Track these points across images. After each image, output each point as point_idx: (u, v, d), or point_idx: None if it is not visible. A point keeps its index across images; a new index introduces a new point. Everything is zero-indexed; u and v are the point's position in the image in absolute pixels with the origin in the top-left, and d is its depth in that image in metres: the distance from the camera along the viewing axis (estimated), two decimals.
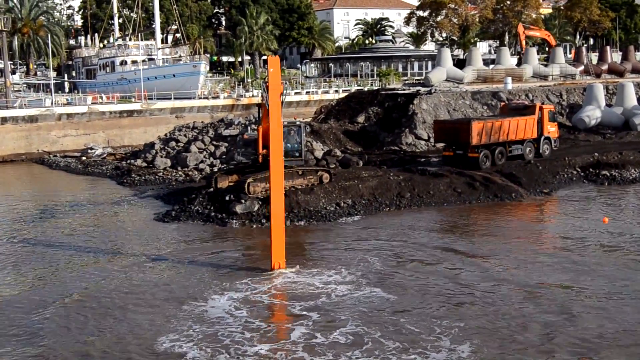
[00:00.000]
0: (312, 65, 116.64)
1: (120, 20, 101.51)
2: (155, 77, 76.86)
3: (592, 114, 57.99)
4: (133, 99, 71.65)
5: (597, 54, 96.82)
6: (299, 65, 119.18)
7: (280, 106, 27.55)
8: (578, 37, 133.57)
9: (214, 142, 50.79)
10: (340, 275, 26.46)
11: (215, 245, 31.47)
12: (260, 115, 37.30)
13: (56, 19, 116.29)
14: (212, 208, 36.31)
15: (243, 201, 35.49)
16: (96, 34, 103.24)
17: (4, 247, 32.27)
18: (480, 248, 30.14)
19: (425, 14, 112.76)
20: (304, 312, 23.01)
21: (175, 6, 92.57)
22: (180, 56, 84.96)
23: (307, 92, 79.25)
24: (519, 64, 79.05)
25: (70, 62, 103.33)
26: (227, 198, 36.14)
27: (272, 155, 26.83)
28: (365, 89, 74.27)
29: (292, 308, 23.54)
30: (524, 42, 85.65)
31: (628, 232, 32.10)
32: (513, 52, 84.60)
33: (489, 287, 24.98)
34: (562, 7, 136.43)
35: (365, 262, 28.03)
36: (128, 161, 53.99)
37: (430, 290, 24.77)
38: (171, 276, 27.23)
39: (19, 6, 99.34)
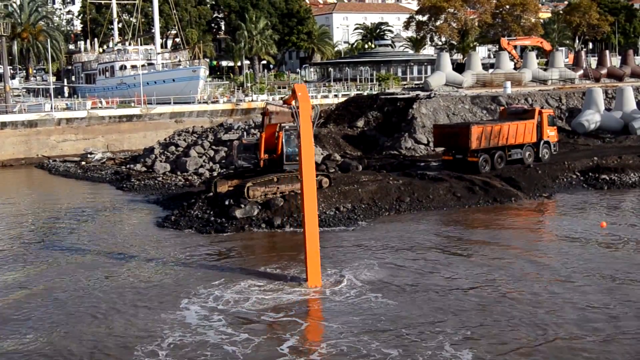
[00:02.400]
0: (312, 69, 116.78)
1: (120, 25, 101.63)
2: (155, 82, 76.94)
3: (592, 118, 58.03)
4: (132, 104, 71.69)
5: (596, 58, 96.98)
6: (298, 70, 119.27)
7: (312, 130, 27.13)
8: (577, 41, 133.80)
9: (214, 147, 50.80)
10: (339, 281, 26.38)
11: (213, 250, 31.43)
12: (264, 122, 37.21)
13: (56, 24, 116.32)
14: (211, 213, 36.27)
15: (243, 206, 35.47)
16: (96, 39, 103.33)
17: (3, 250, 32.27)
18: (480, 253, 30.07)
19: (425, 18, 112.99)
20: (301, 319, 22.98)
21: (174, 11, 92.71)
22: (179, 61, 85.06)
23: None
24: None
25: (69, 67, 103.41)
26: (226, 203, 36.12)
27: (305, 179, 26.17)
28: (365, 94, 74.36)
29: (288, 313, 23.42)
30: (514, 52, 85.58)
31: (626, 237, 32.07)
32: (511, 57, 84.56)
33: (490, 292, 24.93)
34: (561, 12, 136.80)
35: (364, 267, 27.94)
36: (127, 166, 53.98)
37: (432, 296, 24.69)
38: (162, 280, 27.20)
39: (18, 11, 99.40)
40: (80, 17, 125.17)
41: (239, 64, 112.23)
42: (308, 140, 26.37)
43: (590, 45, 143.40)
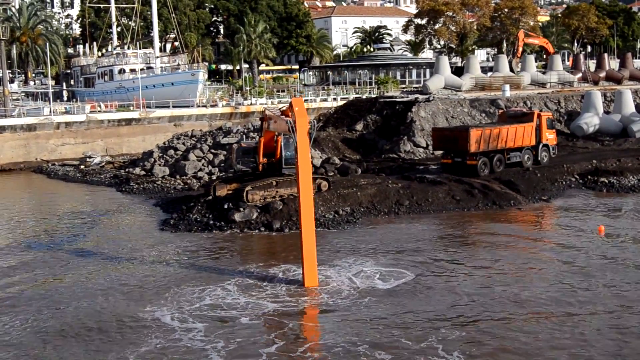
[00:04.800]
0: (311, 73, 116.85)
1: (119, 29, 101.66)
2: (154, 86, 76.88)
3: (590, 121, 58.06)
4: (131, 108, 71.68)
5: (595, 61, 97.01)
6: (297, 73, 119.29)
7: (308, 144, 27.10)
8: (576, 44, 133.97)
9: (213, 151, 50.77)
10: (335, 282, 26.41)
11: (210, 253, 31.40)
12: (262, 127, 37.29)
13: (54, 28, 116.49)
14: (210, 216, 36.28)
15: (242, 209, 35.48)
16: (94, 43, 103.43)
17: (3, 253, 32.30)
18: (478, 256, 30.06)
19: (423, 22, 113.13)
20: (295, 320, 23.02)
21: (173, 15, 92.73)
22: (178, 64, 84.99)
23: (306, 100, 79.27)
24: (510, 69, 78.83)
25: (68, 71, 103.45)
26: (225, 206, 36.13)
27: (302, 189, 26.25)
28: (364, 97, 74.34)
29: (281, 316, 23.41)
30: (520, 49, 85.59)
31: (625, 241, 32.06)
32: (511, 59, 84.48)
33: (486, 296, 24.87)
34: (559, 15, 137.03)
35: (361, 269, 27.94)
36: (126, 170, 53.93)
37: (427, 299, 24.67)
38: (154, 281, 27.23)
39: (17, 15, 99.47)
40: (79, 21, 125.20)
41: (237, 67, 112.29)
42: (305, 155, 26.39)
43: (589, 49, 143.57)
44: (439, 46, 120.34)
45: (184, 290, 25.88)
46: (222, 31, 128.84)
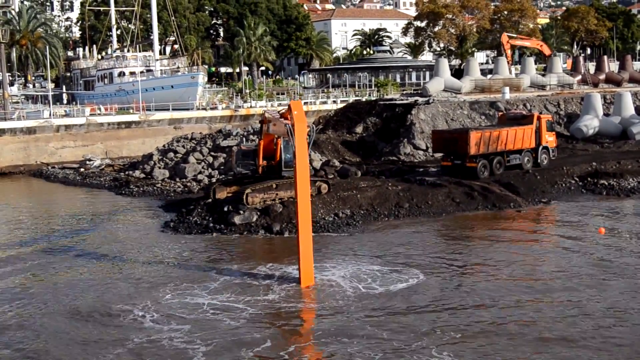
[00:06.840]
0: (310, 75, 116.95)
1: (119, 32, 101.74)
2: (154, 89, 76.88)
3: (590, 124, 58.07)
4: (131, 110, 71.70)
5: (595, 63, 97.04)
6: (297, 76, 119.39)
7: (307, 149, 27.13)
8: (575, 46, 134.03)
9: (213, 153, 50.78)
10: (331, 285, 26.36)
11: (208, 254, 31.43)
12: (262, 129, 37.30)
13: (54, 31, 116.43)
14: (210, 219, 36.27)
15: (241, 212, 35.47)
16: (94, 46, 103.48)
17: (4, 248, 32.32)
18: (477, 258, 30.03)
19: (423, 24, 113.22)
20: (286, 320, 23.09)
21: (173, 17, 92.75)
22: (178, 67, 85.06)
23: (305, 103, 79.26)
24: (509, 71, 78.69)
25: (68, 74, 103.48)
26: (225, 209, 36.12)
27: (299, 193, 26.30)
28: (363, 100, 74.35)
29: (276, 316, 23.46)
30: (508, 52, 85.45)
31: (625, 242, 32.05)
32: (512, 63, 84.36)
33: (485, 298, 24.81)
34: (559, 17, 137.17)
35: (358, 272, 27.88)
36: (126, 172, 53.95)
37: (424, 302, 24.60)
38: (147, 280, 27.08)
39: (17, 18, 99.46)
40: (78, 24, 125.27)
41: (237, 70, 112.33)
42: (303, 160, 26.36)
43: (589, 51, 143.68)
44: (438, 49, 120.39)
45: (178, 291, 25.88)
46: (221, 34, 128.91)
